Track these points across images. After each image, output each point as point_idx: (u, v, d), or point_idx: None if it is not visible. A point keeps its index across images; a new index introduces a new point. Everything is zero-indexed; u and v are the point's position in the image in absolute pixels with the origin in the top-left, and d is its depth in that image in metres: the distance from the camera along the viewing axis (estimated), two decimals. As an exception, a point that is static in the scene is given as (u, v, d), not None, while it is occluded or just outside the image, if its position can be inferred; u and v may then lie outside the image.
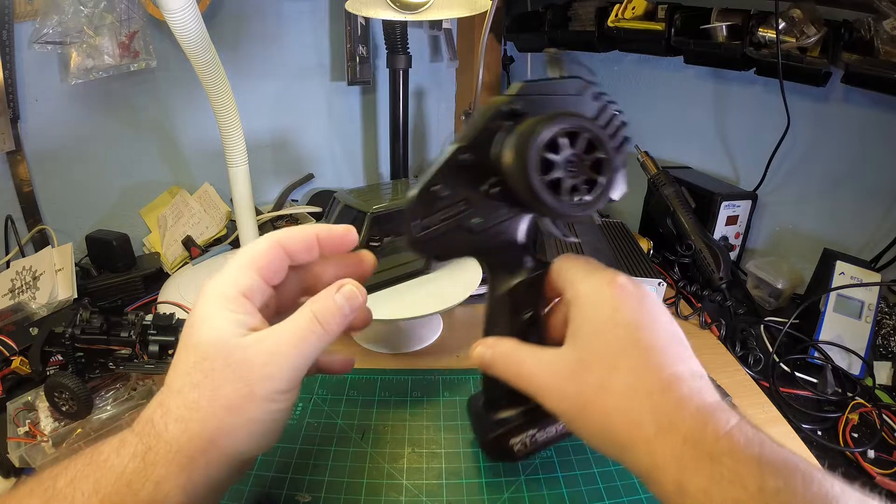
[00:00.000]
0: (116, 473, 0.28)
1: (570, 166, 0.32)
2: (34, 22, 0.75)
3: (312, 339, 0.32)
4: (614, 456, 0.31)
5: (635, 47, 0.88)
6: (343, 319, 0.34)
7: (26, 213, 0.83)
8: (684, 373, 0.30)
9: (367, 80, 1.01)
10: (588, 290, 0.33)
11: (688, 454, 0.27)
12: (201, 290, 0.33)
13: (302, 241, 0.35)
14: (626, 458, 0.30)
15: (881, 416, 0.53)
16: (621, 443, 0.30)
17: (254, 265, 0.34)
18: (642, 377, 0.30)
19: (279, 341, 0.31)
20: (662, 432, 0.28)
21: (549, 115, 0.32)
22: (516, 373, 0.35)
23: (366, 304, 0.36)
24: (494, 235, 0.37)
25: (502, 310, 0.38)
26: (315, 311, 0.33)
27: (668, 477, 0.27)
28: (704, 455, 0.26)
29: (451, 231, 0.36)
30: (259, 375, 0.30)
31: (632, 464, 0.29)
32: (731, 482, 0.25)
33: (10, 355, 0.55)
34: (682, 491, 0.26)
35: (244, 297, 0.33)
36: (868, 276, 0.63)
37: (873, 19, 0.60)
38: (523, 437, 0.40)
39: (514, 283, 0.38)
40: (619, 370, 0.30)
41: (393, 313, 0.56)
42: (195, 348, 0.31)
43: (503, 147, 0.33)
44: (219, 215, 0.85)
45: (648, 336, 0.31)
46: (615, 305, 0.32)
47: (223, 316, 0.32)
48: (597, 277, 0.33)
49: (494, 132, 0.35)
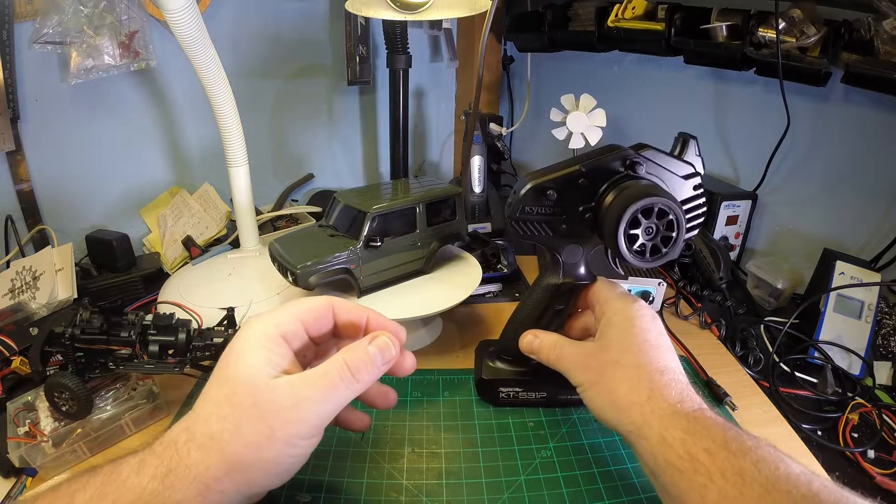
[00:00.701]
0: (136, 493, 0.29)
1: (649, 229, 0.42)
2: (34, 22, 0.75)
3: (341, 388, 0.33)
4: (613, 419, 0.39)
5: (635, 47, 0.88)
6: (375, 370, 0.35)
7: (26, 213, 0.83)
8: (674, 367, 0.40)
9: (367, 80, 1.01)
10: (618, 305, 0.44)
11: (671, 416, 0.36)
12: (245, 324, 0.35)
13: (352, 315, 0.39)
14: (623, 419, 0.38)
15: (881, 416, 0.53)
16: (621, 405, 0.38)
17: (300, 314, 0.36)
18: (645, 361, 0.40)
19: (308, 387, 0.32)
20: (654, 398, 0.37)
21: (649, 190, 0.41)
22: (557, 356, 0.45)
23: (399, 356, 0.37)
24: (569, 242, 0.46)
25: (543, 296, 0.49)
26: (347, 359, 0.34)
27: (654, 430, 0.35)
28: (683, 417, 0.35)
29: (541, 224, 0.45)
30: (283, 419, 0.31)
31: (627, 423, 0.38)
32: (703, 435, 0.33)
33: (10, 355, 0.55)
34: (663, 441, 0.34)
35: (283, 339, 0.35)
36: (868, 276, 0.63)
37: (873, 19, 0.60)
38: (510, 390, 0.52)
39: (561, 281, 0.47)
40: (629, 353, 0.40)
41: (393, 313, 0.56)
42: (227, 381, 0.33)
43: (607, 196, 0.43)
44: (219, 215, 0.85)
45: (653, 339, 0.41)
46: (634, 316, 0.42)
47: (259, 354, 0.33)
48: (626, 298, 0.45)
49: (610, 173, 0.43)
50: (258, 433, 0.31)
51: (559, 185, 0.43)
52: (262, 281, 0.67)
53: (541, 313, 0.49)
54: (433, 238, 0.62)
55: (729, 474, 0.30)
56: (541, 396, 0.52)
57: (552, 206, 0.44)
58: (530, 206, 0.44)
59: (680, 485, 0.32)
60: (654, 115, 0.96)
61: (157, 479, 0.29)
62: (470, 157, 0.85)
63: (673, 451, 0.33)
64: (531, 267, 0.82)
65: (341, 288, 0.60)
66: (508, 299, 0.73)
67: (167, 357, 0.48)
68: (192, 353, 0.48)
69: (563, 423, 0.50)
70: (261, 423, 0.31)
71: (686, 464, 0.32)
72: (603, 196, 0.43)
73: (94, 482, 0.30)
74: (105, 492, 0.29)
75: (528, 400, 0.52)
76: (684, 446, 0.33)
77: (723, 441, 0.32)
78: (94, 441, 0.46)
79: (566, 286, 0.48)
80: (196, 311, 0.59)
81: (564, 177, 0.43)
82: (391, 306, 0.57)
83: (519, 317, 0.51)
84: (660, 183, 0.44)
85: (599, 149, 0.45)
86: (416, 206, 0.60)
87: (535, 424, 0.50)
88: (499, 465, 0.45)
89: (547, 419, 0.51)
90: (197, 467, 0.30)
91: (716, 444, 0.32)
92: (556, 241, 0.46)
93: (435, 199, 0.61)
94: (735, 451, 0.31)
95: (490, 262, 0.77)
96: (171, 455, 0.31)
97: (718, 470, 0.31)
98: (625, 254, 0.42)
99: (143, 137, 0.91)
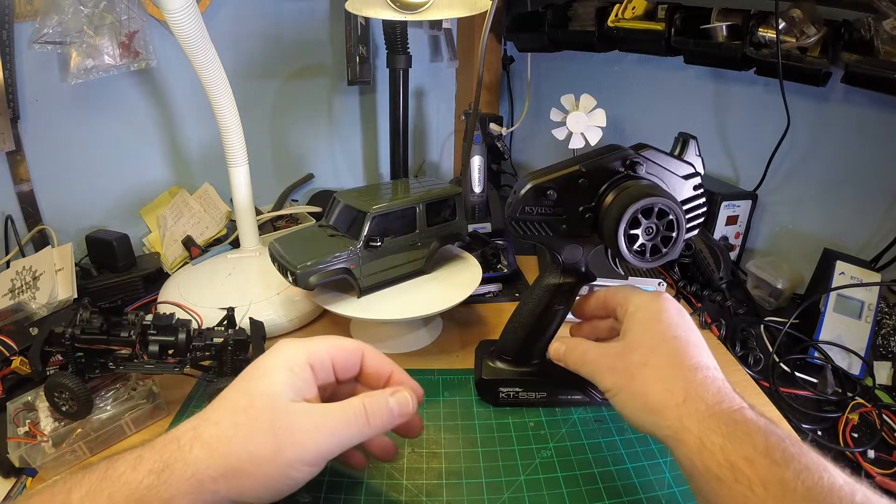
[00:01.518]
0: (131, 488, 0.29)
1: (649, 229, 0.42)
2: (34, 22, 0.75)
3: (354, 428, 0.34)
4: (647, 422, 0.37)
5: (635, 47, 0.88)
6: (390, 420, 0.36)
7: (26, 213, 0.83)
8: (708, 363, 0.38)
9: (366, 80, 1.01)
10: (640, 301, 0.42)
11: (709, 418, 0.33)
12: (277, 344, 0.37)
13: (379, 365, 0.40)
14: (659, 423, 0.36)
15: (881, 416, 0.53)
16: (655, 408, 0.36)
17: (331, 350, 0.38)
18: (676, 359, 0.37)
19: (324, 417, 0.34)
20: (690, 400, 0.35)
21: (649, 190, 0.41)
22: (582, 360, 0.43)
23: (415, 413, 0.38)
24: (569, 242, 0.46)
25: (543, 296, 0.49)
26: (366, 404, 0.35)
27: (692, 434, 0.33)
28: (722, 420, 0.33)
29: (541, 224, 0.45)
30: (292, 441, 0.32)
31: (663, 427, 0.35)
32: (743, 441, 0.31)
33: (10, 355, 0.55)
34: (702, 446, 0.32)
35: (310, 368, 0.36)
36: (868, 276, 0.63)
37: (873, 19, 0.60)
38: (510, 390, 0.52)
39: (561, 281, 0.48)
40: (658, 352, 0.38)
41: (393, 313, 0.56)
42: (247, 394, 0.34)
43: (607, 196, 0.43)
44: (219, 215, 0.85)
45: (682, 334, 0.39)
46: (659, 310, 0.40)
47: (284, 375, 0.34)
48: (648, 294, 0.42)
49: (611, 172, 0.43)
50: (266, 448, 0.31)
51: (559, 185, 0.43)
52: (262, 281, 0.67)
53: (541, 313, 0.49)
54: (433, 238, 0.62)
55: (770, 485, 0.29)
56: (541, 396, 0.52)
57: (552, 206, 0.44)
58: (530, 206, 0.44)
59: (719, 493, 0.31)
60: (654, 115, 0.96)
61: (154, 475, 0.30)
62: (470, 157, 0.85)
63: (712, 457, 0.32)
64: (531, 267, 0.82)
65: (341, 288, 0.60)
66: (508, 299, 0.73)
67: (167, 357, 0.48)
68: (192, 354, 0.48)
69: (563, 423, 0.50)
70: (271, 440, 0.32)
71: (726, 472, 0.31)
72: (603, 196, 0.43)
73: (91, 478, 0.30)
74: (101, 488, 0.29)
75: (528, 400, 0.52)
76: (724, 453, 0.31)
77: (764, 448, 0.31)
78: (94, 441, 0.46)
79: (566, 286, 0.48)
80: (196, 311, 0.59)
81: (564, 177, 0.43)
82: (391, 306, 0.57)
83: (519, 317, 0.51)
84: (660, 183, 0.44)
85: (599, 149, 0.45)
86: (416, 206, 0.60)
87: (535, 424, 0.50)
88: (499, 465, 0.45)
89: (547, 419, 0.51)
90: (196, 464, 0.30)
91: (757, 451, 0.31)
92: (556, 241, 0.46)
93: (435, 199, 0.61)
94: (777, 459, 0.30)
95: (490, 262, 0.77)
96: (172, 450, 0.31)
97: (760, 480, 0.30)
98: (625, 254, 0.42)
99: (143, 137, 0.91)
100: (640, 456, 0.47)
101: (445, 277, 0.63)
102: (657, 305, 0.41)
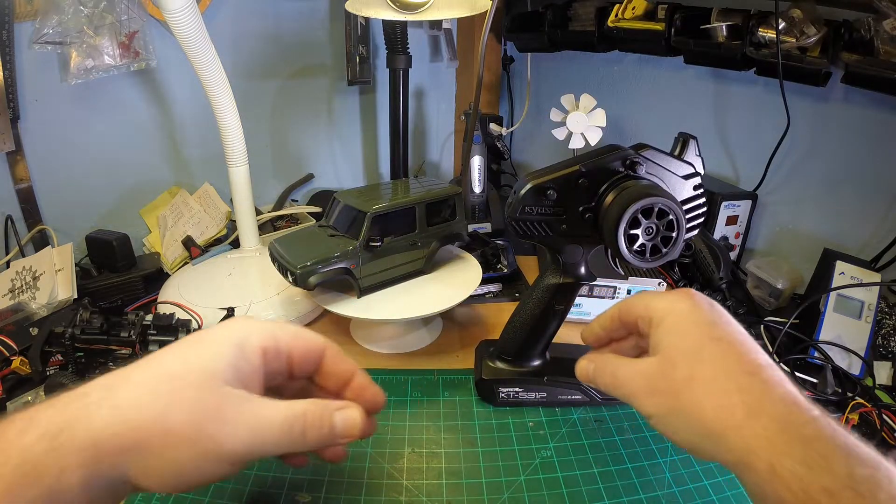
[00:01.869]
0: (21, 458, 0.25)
1: (649, 229, 0.41)
2: (34, 22, 0.75)
3: (286, 438, 0.30)
4: (705, 448, 0.31)
5: (635, 47, 0.88)
6: (329, 438, 0.32)
7: (26, 213, 0.83)
8: (763, 361, 0.31)
9: (366, 80, 1.01)
10: (664, 305, 0.35)
11: (778, 436, 0.28)
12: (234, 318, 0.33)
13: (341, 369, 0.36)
14: (719, 447, 0.30)
15: (881, 416, 0.53)
16: (713, 430, 0.30)
17: (291, 339, 0.34)
18: (726, 364, 0.31)
19: (257, 416, 0.29)
20: (753, 414, 0.29)
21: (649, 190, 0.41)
22: (612, 381, 0.36)
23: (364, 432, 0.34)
24: (569, 242, 0.46)
25: (543, 296, 0.49)
26: (308, 412, 0.31)
27: (761, 459, 0.27)
28: (794, 438, 0.27)
29: (541, 224, 0.45)
30: (215, 430, 0.28)
31: (725, 452, 0.30)
32: (821, 468, 0.26)
33: (10, 355, 0.55)
34: (773, 472, 0.27)
35: (261, 351, 0.32)
36: (868, 276, 0.63)
37: (873, 19, 0.60)
38: (509, 390, 0.52)
39: (561, 281, 0.48)
40: (704, 361, 0.32)
41: (393, 313, 0.56)
42: (184, 361, 0.30)
43: (607, 196, 0.43)
44: (219, 215, 0.85)
45: (724, 331, 0.33)
46: (690, 309, 0.34)
47: (230, 352, 0.30)
48: (670, 295, 0.36)
49: (610, 173, 0.43)
50: (184, 429, 0.27)
51: (559, 185, 0.43)
52: (262, 281, 0.67)
53: (541, 313, 0.49)
54: (433, 238, 0.62)
55: None
56: (541, 396, 0.52)
57: (552, 206, 0.44)
58: (530, 206, 0.44)
59: None
60: (654, 115, 0.96)
61: (46, 439, 0.25)
62: (470, 157, 0.85)
63: (786, 487, 0.27)
64: (531, 267, 0.82)
65: (341, 288, 0.60)
66: (508, 299, 0.73)
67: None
68: (192, 353, 0.48)
69: (563, 423, 0.50)
70: (192, 422, 0.28)
71: None
72: (603, 196, 0.44)
73: None
74: None
75: (528, 400, 0.52)
76: (800, 483, 0.26)
77: (847, 478, 0.26)
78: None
79: (566, 286, 0.48)
80: (196, 311, 0.59)
81: (564, 177, 0.43)
82: (391, 306, 0.57)
83: (519, 317, 0.51)
84: (660, 183, 0.44)
85: (599, 149, 0.45)
86: (416, 206, 0.60)
87: (535, 424, 0.50)
88: (499, 465, 0.45)
89: (547, 419, 0.51)
90: (101, 431, 0.26)
91: (838, 481, 0.26)
92: (556, 241, 0.46)
93: (435, 199, 0.61)
94: (864, 492, 0.25)
95: (490, 262, 0.77)
96: (76, 408, 0.26)
97: None
98: (625, 254, 0.42)
99: (143, 137, 0.91)
100: (640, 456, 0.47)
101: (445, 277, 0.63)
102: (685, 305, 0.34)
